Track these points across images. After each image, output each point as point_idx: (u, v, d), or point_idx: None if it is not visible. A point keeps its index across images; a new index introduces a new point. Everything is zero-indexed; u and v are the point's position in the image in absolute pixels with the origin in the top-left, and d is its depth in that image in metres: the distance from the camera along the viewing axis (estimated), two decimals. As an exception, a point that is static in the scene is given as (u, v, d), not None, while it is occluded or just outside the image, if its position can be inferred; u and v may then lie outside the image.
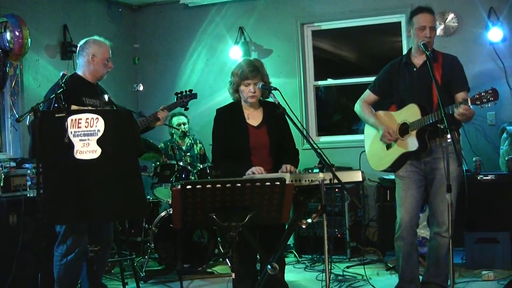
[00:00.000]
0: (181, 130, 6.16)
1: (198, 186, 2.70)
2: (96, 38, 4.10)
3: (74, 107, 3.69)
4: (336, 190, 5.57)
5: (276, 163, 3.72)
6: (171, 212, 5.16)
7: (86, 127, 2.99)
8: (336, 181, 3.17)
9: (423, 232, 4.97)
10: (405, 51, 5.29)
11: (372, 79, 4.32)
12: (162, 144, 6.17)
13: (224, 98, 5.01)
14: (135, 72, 7.20)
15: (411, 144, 3.87)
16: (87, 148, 2.97)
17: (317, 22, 6.58)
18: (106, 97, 4.01)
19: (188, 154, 6.19)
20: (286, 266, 4.00)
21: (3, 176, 4.53)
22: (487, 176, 5.19)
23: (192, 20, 6.98)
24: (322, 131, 6.75)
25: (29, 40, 5.13)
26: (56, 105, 3.52)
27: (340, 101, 7.14)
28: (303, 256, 5.73)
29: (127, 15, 7.11)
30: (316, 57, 6.67)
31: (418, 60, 3.96)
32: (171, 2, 6.97)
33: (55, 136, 3.00)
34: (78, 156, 2.97)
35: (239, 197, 2.76)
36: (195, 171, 5.45)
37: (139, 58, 7.19)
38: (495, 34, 5.74)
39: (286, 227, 3.62)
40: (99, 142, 2.98)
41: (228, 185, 2.71)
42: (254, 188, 2.75)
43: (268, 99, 3.86)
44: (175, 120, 6.27)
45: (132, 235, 5.56)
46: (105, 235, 3.95)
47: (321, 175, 3.22)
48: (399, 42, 6.34)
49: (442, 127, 3.53)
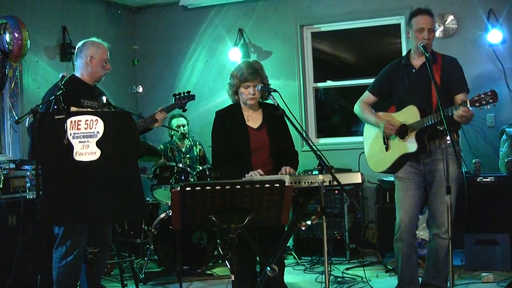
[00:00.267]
0: (180, 132, 6.15)
1: (197, 188, 2.70)
2: (94, 39, 4.09)
3: (73, 108, 3.67)
4: (336, 192, 5.55)
5: (275, 165, 3.72)
6: (170, 214, 5.15)
7: (85, 128, 3.00)
8: (335, 183, 3.17)
9: (423, 233, 4.96)
10: (404, 53, 5.28)
11: (371, 81, 4.31)
12: (162, 146, 6.17)
13: (224, 99, 5.01)
14: (135, 74, 7.19)
15: (410, 145, 3.87)
16: (86, 150, 2.98)
17: (316, 24, 6.56)
18: (104, 98, 4.01)
19: (188, 155, 6.18)
20: (285, 268, 4.00)
21: (3, 178, 4.53)
22: (487, 178, 5.19)
23: (191, 22, 6.97)
24: (321, 133, 6.74)
25: (28, 41, 5.12)
26: (55, 106, 3.51)
27: (340, 102, 7.14)
28: (302, 258, 5.71)
29: (126, 17, 7.11)
30: (315, 59, 6.66)
31: (417, 61, 3.96)
32: (171, 3, 6.96)
33: (55, 137, 3.01)
34: (78, 157, 2.97)
35: (239, 199, 2.75)
36: (194, 173, 5.44)
37: (139, 59, 7.17)
38: (494, 36, 5.74)
39: (286, 229, 3.62)
40: (99, 144, 2.99)
41: (227, 187, 2.71)
42: (254, 190, 2.75)
43: (268, 101, 3.85)
44: (175, 122, 6.26)
45: (131, 237, 5.55)
46: (104, 237, 3.94)
47: (320, 177, 3.22)
48: (399, 44, 6.34)
49: (441, 129, 3.53)
